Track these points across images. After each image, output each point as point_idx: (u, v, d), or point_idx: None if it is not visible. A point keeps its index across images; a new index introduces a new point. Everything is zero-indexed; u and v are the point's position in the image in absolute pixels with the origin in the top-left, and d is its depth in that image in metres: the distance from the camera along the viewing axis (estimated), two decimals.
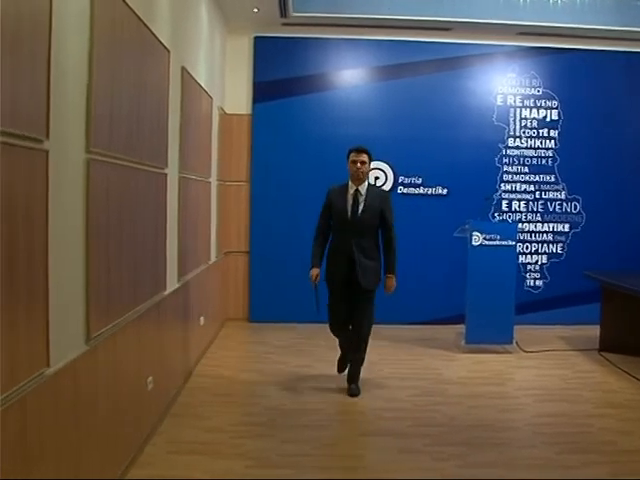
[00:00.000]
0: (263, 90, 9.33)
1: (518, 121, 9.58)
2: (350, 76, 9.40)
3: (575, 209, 9.63)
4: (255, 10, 8.66)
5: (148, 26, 4.78)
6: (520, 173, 9.59)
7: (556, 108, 9.60)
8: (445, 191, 9.45)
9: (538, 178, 9.60)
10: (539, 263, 9.68)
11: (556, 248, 9.67)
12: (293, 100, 9.31)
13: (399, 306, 8.71)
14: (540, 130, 9.60)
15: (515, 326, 7.87)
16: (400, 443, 5.06)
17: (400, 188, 9.38)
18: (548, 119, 9.61)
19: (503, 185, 9.58)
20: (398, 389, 6.44)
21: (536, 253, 9.67)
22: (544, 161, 9.61)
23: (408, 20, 8.96)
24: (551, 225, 9.67)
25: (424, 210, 9.34)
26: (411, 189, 9.42)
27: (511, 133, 9.57)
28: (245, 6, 8.56)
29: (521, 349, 7.95)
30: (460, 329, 8.15)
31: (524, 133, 9.58)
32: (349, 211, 6.18)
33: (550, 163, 9.60)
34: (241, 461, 4.67)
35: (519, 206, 9.63)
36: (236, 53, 9.39)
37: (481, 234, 7.79)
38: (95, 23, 3.68)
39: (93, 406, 3.72)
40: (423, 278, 9.28)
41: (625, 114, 9.59)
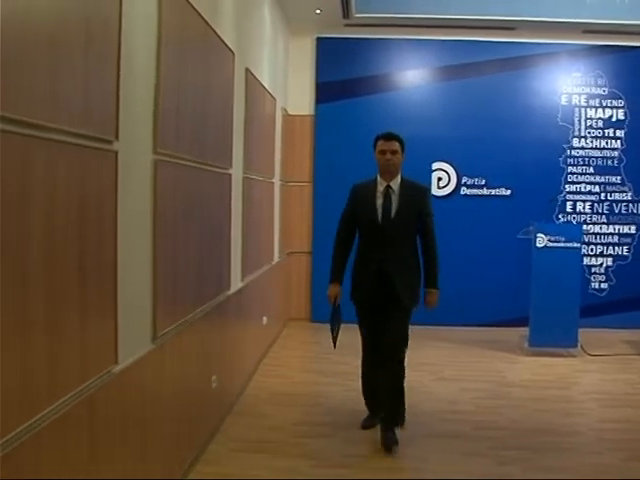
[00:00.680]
0: (326, 91, 9.36)
1: (583, 121, 9.40)
2: (413, 76, 9.36)
3: None
4: (317, 11, 8.70)
5: (213, 28, 4.84)
6: (585, 174, 9.41)
7: (622, 107, 9.39)
8: (509, 192, 9.33)
9: (603, 179, 9.41)
10: (604, 265, 9.48)
11: (622, 250, 9.46)
12: (356, 101, 9.31)
13: (461, 307, 8.66)
14: (606, 130, 9.41)
15: (580, 329, 7.73)
16: (463, 446, 5.02)
17: (463, 189, 9.29)
18: (614, 119, 9.41)
19: (568, 186, 9.42)
20: (461, 391, 6.39)
21: (601, 255, 9.48)
22: (610, 162, 9.41)
23: (471, 20, 8.90)
24: (617, 227, 9.46)
25: (487, 211, 9.22)
26: (474, 190, 9.31)
27: (576, 133, 9.39)
28: (308, 7, 8.60)
29: (586, 352, 7.80)
30: (524, 332, 8.03)
31: (589, 133, 9.40)
32: (380, 213, 5.06)
33: (616, 163, 9.40)
34: (305, 460, 4.68)
35: (584, 207, 9.45)
36: (299, 54, 9.45)
37: (545, 236, 7.68)
38: (163, 25, 3.74)
39: (158, 404, 3.77)
40: (486, 280, 9.17)
41: None
